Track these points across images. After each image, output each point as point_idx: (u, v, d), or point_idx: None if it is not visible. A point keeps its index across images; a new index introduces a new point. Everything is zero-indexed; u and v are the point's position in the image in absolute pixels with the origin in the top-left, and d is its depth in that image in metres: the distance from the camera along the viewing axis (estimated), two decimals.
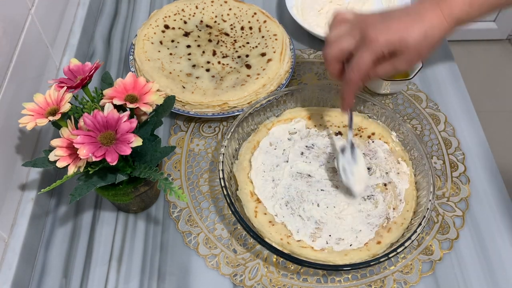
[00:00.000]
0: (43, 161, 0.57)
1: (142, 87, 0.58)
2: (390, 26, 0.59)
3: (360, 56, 0.60)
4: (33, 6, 0.70)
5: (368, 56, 0.59)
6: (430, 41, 0.60)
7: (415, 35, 0.58)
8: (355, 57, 0.60)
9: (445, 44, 0.92)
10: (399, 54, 0.59)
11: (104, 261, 0.66)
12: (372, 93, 0.83)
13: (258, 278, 0.64)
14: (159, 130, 0.78)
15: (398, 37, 0.58)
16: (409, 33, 0.58)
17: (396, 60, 0.60)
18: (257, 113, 0.74)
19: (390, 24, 0.59)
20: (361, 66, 0.60)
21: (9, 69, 0.63)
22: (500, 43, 2.14)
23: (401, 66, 0.61)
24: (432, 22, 0.59)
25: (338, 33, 0.63)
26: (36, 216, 0.66)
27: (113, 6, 0.98)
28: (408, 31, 0.58)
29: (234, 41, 0.86)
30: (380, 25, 0.59)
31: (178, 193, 0.54)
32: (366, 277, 0.64)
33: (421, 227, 0.61)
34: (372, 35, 0.58)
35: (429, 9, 0.60)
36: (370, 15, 0.62)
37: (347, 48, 0.61)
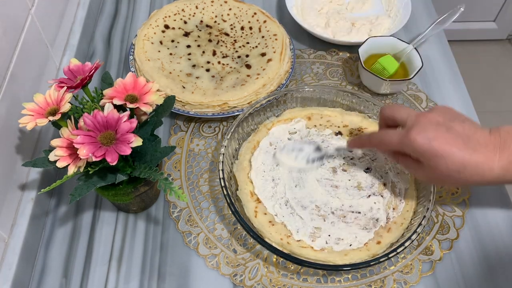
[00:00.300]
0: (43, 161, 0.57)
1: (142, 87, 0.58)
2: (437, 138, 0.53)
3: (391, 135, 0.58)
4: (33, 6, 0.70)
5: (395, 143, 0.57)
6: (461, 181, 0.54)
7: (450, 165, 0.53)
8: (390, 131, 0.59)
9: (445, 44, 0.92)
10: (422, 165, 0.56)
11: (104, 261, 0.66)
12: (372, 93, 0.84)
13: (258, 278, 0.64)
14: (159, 130, 0.78)
15: (435, 153, 0.53)
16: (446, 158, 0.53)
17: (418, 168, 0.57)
18: (257, 113, 0.74)
19: (439, 136, 0.53)
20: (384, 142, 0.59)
21: (9, 69, 0.63)
22: (500, 43, 2.14)
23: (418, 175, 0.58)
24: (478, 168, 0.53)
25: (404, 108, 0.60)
26: (36, 216, 0.66)
27: (113, 6, 0.98)
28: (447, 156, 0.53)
29: (234, 41, 0.86)
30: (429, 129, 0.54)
31: (178, 193, 0.54)
32: (366, 277, 0.64)
33: (421, 227, 0.61)
34: (412, 133, 0.54)
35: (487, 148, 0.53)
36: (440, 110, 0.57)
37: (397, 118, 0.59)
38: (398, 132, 0.57)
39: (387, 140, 0.58)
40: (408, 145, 0.55)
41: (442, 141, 0.53)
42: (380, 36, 0.85)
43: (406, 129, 0.56)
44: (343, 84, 0.85)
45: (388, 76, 0.82)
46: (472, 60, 2.06)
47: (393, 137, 0.58)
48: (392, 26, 0.91)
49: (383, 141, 0.59)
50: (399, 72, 0.83)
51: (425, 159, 0.55)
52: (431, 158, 0.54)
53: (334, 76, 0.87)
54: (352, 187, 0.68)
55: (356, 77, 0.86)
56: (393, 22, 0.92)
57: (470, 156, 0.53)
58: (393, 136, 0.58)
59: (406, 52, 0.82)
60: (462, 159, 0.53)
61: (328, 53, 0.90)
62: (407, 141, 0.55)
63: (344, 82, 0.86)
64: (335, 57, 0.89)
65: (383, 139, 0.59)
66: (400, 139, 0.56)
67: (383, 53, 0.84)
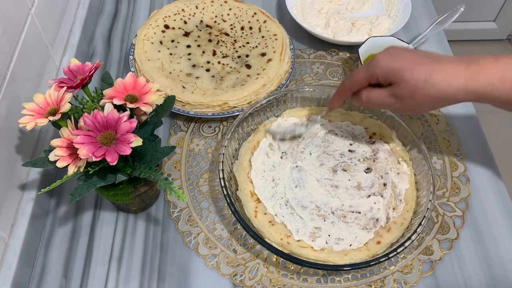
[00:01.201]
0: (43, 161, 0.57)
1: (142, 87, 0.58)
2: (400, 55, 0.56)
3: (357, 70, 0.61)
4: (33, 6, 0.70)
5: (364, 72, 0.59)
6: (431, 90, 0.53)
7: (416, 73, 0.54)
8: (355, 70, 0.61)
9: (445, 44, 0.92)
10: (393, 85, 0.57)
11: (104, 261, 0.66)
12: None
13: (258, 278, 0.64)
14: (159, 130, 0.78)
15: (398, 66, 0.55)
16: (412, 68, 0.54)
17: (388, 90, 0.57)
18: (257, 113, 0.74)
19: (402, 55, 0.56)
20: (354, 77, 0.60)
21: (9, 69, 0.63)
22: (500, 43, 2.14)
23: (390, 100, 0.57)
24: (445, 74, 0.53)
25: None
26: (36, 216, 0.66)
27: (113, 6, 0.98)
28: (412, 66, 0.54)
29: (234, 41, 0.86)
30: (393, 51, 0.57)
31: (178, 193, 0.54)
32: (366, 277, 0.64)
33: (421, 227, 0.61)
34: (377, 56, 0.57)
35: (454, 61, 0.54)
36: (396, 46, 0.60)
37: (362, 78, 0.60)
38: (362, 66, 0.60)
39: (356, 76, 0.60)
40: (374, 69, 0.57)
41: (405, 57, 0.55)
42: (380, 36, 0.85)
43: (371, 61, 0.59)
44: None
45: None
46: None
47: (360, 71, 0.60)
48: (392, 26, 0.91)
49: (353, 78, 0.60)
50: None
51: (391, 76, 0.56)
52: (397, 72, 0.55)
53: (334, 76, 0.87)
54: (352, 187, 0.68)
55: None
56: (393, 22, 0.92)
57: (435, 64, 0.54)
58: (360, 70, 0.60)
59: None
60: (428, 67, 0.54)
61: (328, 53, 0.90)
62: (373, 65, 0.57)
63: None
64: (335, 57, 0.89)
65: (352, 77, 0.61)
66: (367, 67, 0.58)
67: None
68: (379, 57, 0.57)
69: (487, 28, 2.08)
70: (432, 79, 0.53)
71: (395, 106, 0.58)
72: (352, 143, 0.73)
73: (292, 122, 0.75)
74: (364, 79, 0.60)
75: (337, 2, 0.97)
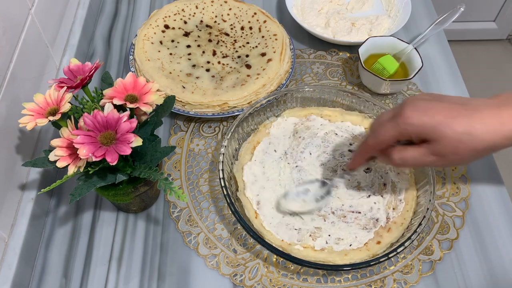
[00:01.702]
0: (43, 161, 0.57)
1: (142, 87, 0.58)
2: (432, 108, 0.49)
3: (384, 127, 0.53)
4: (33, 6, 0.70)
5: (392, 130, 0.51)
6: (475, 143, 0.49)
7: (457, 127, 0.48)
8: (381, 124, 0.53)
9: (445, 44, 0.92)
10: (431, 142, 0.50)
11: (104, 261, 0.66)
12: (372, 93, 0.84)
13: (258, 278, 0.64)
14: (159, 130, 0.78)
15: (436, 123, 0.48)
16: (451, 123, 0.48)
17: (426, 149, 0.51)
18: (257, 113, 0.74)
19: (434, 106, 0.49)
20: (380, 136, 0.53)
21: (9, 69, 0.63)
22: (500, 43, 2.14)
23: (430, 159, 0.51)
24: (486, 123, 0.48)
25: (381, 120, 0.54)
26: (36, 216, 0.66)
27: (113, 6, 0.98)
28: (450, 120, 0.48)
29: (234, 41, 0.86)
30: (422, 103, 0.50)
31: (178, 193, 0.54)
32: (366, 277, 0.64)
33: (421, 227, 0.61)
34: (406, 111, 0.50)
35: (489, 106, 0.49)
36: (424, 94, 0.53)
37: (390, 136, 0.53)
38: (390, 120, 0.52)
39: (382, 133, 0.53)
40: (405, 127, 0.51)
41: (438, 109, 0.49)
42: (380, 36, 0.85)
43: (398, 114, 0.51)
44: (343, 84, 0.85)
45: (388, 76, 0.82)
46: (472, 60, 2.06)
47: (387, 127, 0.52)
48: (392, 26, 0.91)
49: (379, 138, 0.54)
50: (399, 72, 0.83)
51: (428, 133, 0.50)
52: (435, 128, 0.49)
53: (334, 76, 0.87)
54: (352, 187, 0.68)
55: (356, 77, 0.86)
56: (393, 22, 0.92)
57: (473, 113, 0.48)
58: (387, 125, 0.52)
59: (406, 52, 0.82)
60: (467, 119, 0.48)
61: (328, 53, 0.90)
62: (403, 122, 0.50)
63: (344, 82, 0.86)
64: (335, 57, 0.89)
65: (378, 137, 0.54)
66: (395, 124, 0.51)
67: (383, 53, 0.84)
68: (409, 113, 0.50)
69: (487, 28, 2.08)
70: (476, 131, 0.48)
71: (436, 164, 0.52)
72: (352, 143, 0.73)
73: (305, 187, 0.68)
74: (392, 138, 0.53)
75: (337, 2, 0.97)
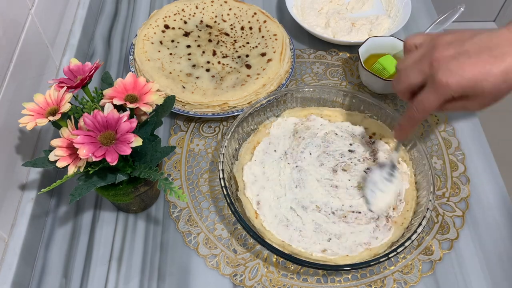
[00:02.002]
0: (43, 161, 0.57)
1: (142, 87, 0.58)
2: (464, 68, 0.51)
3: (426, 98, 0.54)
4: (33, 6, 0.70)
5: (435, 100, 0.54)
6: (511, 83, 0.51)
7: (493, 79, 0.50)
8: (421, 96, 0.55)
9: None
10: (472, 98, 0.53)
11: (104, 261, 0.66)
12: (372, 93, 0.83)
13: (258, 278, 0.64)
14: (159, 130, 0.78)
15: (473, 82, 0.51)
16: (487, 77, 0.50)
17: (468, 103, 0.54)
18: (257, 113, 0.74)
19: (465, 65, 0.51)
20: (426, 108, 0.55)
21: (9, 69, 0.63)
22: None
23: (473, 108, 0.54)
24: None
25: (407, 64, 0.57)
26: (36, 216, 0.66)
27: (113, 6, 0.98)
28: (485, 74, 0.50)
29: (234, 41, 0.86)
30: (452, 64, 0.52)
31: (178, 193, 0.54)
32: (366, 277, 0.64)
33: (421, 227, 0.61)
34: (442, 79, 0.52)
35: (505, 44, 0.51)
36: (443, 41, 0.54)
37: (415, 83, 0.56)
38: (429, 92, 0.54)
39: (427, 106, 0.55)
40: (447, 92, 0.53)
41: (472, 68, 0.51)
42: (380, 36, 0.85)
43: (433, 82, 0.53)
44: (343, 84, 0.85)
45: (388, 76, 0.82)
46: None
47: (430, 99, 0.54)
48: (392, 26, 0.91)
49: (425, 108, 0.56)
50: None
51: (469, 91, 0.52)
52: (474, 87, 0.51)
53: (334, 76, 0.87)
54: (352, 187, 0.68)
55: (356, 77, 0.86)
56: (393, 22, 0.92)
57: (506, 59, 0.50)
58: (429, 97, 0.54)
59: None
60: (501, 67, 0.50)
61: (328, 53, 0.90)
62: (444, 90, 0.52)
63: (344, 82, 0.86)
64: (335, 57, 0.89)
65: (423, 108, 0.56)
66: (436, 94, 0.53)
67: (383, 53, 0.84)
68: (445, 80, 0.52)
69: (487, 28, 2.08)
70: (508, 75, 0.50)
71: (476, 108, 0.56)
72: (352, 143, 0.73)
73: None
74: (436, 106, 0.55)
75: (337, 2, 0.97)
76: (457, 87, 0.52)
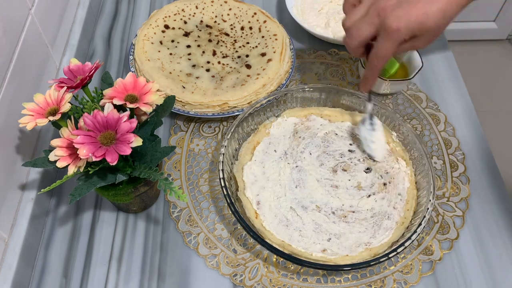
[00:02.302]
0: (43, 161, 0.57)
1: (142, 87, 0.58)
2: (409, 12, 0.57)
3: (382, 46, 0.60)
4: (33, 6, 0.70)
5: (391, 46, 0.59)
6: (449, 17, 0.58)
7: (435, 18, 0.57)
8: (377, 46, 0.60)
9: (445, 44, 0.92)
10: (418, 37, 0.59)
11: (104, 261, 0.66)
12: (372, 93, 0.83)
13: (258, 278, 0.64)
14: (159, 130, 0.78)
15: (419, 23, 0.57)
16: (429, 16, 0.56)
17: (415, 41, 0.59)
18: (257, 113, 0.74)
19: (409, 9, 0.57)
20: (384, 54, 0.60)
21: (9, 69, 0.63)
22: (500, 43, 2.14)
23: (420, 46, 0.60)
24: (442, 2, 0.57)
25: (355, 19, 0.61)
26: (36, 216, 0.66)
27: (113, 6, 0.98)
28: (427, 14, 0.56)
29: (234, 41, 0.86)
30: (398, 11, 0.57)
31: (178, 193, 0.54)
32: (366, 277, 0.64)
33: (421, 227, 0.61)
34: (392, 25, 0.57)
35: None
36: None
37: (368, 36, 0.60)
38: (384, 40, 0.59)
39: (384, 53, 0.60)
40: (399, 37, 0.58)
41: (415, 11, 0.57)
42: None
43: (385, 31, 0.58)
44: (343, 84, 0.85)
45: (388, 76, 0.82)
46: (472, 60, 2.06)
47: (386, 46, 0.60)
48: None
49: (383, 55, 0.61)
50: (399, 72, 0.83)
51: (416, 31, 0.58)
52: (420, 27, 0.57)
53: (334, 76, 0.87)
54: (352, 187, 0.68)
55: (356, 77, 0.86)
56: None
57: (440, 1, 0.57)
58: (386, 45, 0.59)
59: (406, 52, 0.82)
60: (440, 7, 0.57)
61: (328, 53, 0.90)
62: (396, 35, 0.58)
63: (344, 82, 0.86)
64: (335, 57, 0.89)
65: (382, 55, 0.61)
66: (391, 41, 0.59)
67: None
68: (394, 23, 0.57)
69: (487, 28, 2.08)
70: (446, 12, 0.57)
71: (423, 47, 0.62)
72: (352, 143, 0.73)
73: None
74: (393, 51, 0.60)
75: (337, 2, 0.97)
76: (407, 30, 0.57)
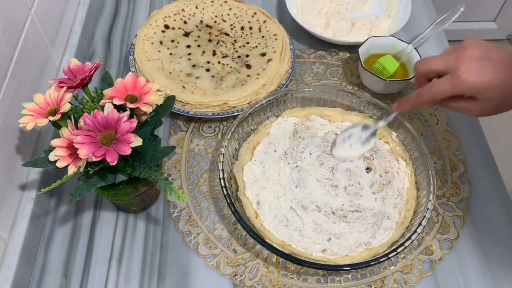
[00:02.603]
0: (43, 161, 0.57)
1: (142, 87, 0.58)
2: (484, 71, 0.55)
3: (441, 85, 0.58)
4: (33, 6, 0.70)
5: (448, 90, 0.57)
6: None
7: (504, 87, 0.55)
8: (437, 81, 0.59)
9: (445, 44, 0.92)
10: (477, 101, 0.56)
11: (104, 261, 0.66)
12: (372, 93, 0.83)
13: (258, 278, 0.64)
14: (159, 130, 0.78)
15: (487, 86, 0.55)
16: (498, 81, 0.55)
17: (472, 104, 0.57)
18: (257, 113, 0.74)
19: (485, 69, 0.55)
20: (436, 94, 0.59)
21: (9, 69, 0.63)
22: (500, 43, 2.14)
23: (474, 111, 0.58)
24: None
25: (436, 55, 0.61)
26: (36, 216, 0.66)
27: (113, 6, 0.98)
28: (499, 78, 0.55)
29: (234, 41, 0.86)
30: (475, 64, 0.56)
31: (178, 193, 0.54)
32: (366, 277, 0.64)
33: (421, 227, 0.61)
34: (462, 74, 0.56)
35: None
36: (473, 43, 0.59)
37: (436, 69, 0.59)
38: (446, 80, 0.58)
39: (438, 91, 0.59)
40: (461, 87, 0.56)
41: (490, 73, 0.55)
42: (380, 36, 0.85)
43: (453, 74, 0.57)
44: (343, 84, 0.85)
45: (388, 76, 0.82)
46: None
47: (443, 86, 0.58)
48: (392, 26, 0.91)
49: (435, 93, 0.59)
50: (399, 72, 0.83)
51: (479, 93, 0.56)
52: (486, 91, 0.55)
53: (334, 76, 0.87)
54: (352, 187, 0.68)
55: (356, 77, 0.86)
56: (393, 22, 0.92)
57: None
58: (443, 85, 0.58)
59: (406, 52, 0.82)
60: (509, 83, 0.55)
61: (328, 53, 0.90)
62: (459, 84, 0.56)
63: (344, 82, 0.86)
64: (335, 57, 0.89)
65: (434, 92, 0.59)
66: (451, 85, 0.57)
67: (383, 53, 0.84)
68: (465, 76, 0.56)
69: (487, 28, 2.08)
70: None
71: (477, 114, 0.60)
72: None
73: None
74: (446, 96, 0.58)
75: (337, 2, 0.97)
76: (472, 85, 0.55)
